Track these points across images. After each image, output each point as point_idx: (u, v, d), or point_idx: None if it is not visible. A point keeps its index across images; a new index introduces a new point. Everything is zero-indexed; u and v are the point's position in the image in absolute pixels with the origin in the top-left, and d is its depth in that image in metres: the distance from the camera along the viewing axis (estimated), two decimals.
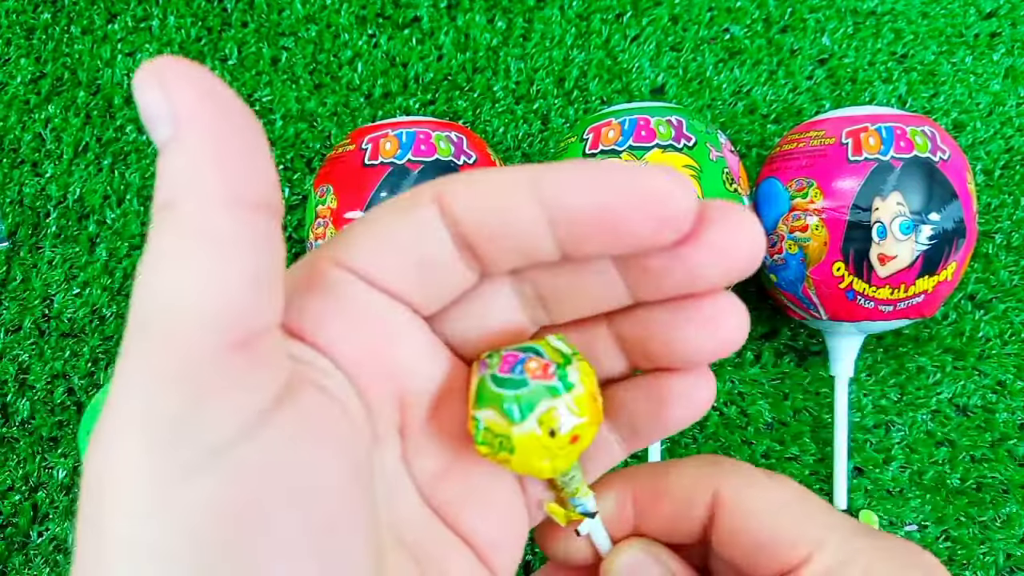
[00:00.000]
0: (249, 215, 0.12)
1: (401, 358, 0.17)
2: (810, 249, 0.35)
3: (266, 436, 0.12)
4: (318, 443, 0.13)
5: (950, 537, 0.39)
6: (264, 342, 0.13)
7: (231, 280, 0.12)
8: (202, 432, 0.12)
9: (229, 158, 0.12)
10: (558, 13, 0.45)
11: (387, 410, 0.16)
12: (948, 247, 0.34)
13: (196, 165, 0.12)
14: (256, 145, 0.13)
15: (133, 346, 0.12)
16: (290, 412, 0.13)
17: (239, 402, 0.12)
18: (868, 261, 0.34)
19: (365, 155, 0.34)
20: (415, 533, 0.17)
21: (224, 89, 0.12)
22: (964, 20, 0.45)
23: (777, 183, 0.36)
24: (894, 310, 0.35)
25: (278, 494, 0.12)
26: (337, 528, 0.13)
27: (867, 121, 0.35)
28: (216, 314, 0.12)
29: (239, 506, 0.12)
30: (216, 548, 0.12)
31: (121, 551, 0.12)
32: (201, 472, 0.12)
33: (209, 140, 0.12)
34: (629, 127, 0.34)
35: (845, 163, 0.34)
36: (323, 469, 0.13)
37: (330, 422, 0.14)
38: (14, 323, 0.42)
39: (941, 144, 0.34)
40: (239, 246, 0.12)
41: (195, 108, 0.12)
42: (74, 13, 0.45)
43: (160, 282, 0.12)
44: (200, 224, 0.12)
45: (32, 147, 0.43)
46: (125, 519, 0.12)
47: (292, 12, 0.45)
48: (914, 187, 0.33)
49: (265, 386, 0.13)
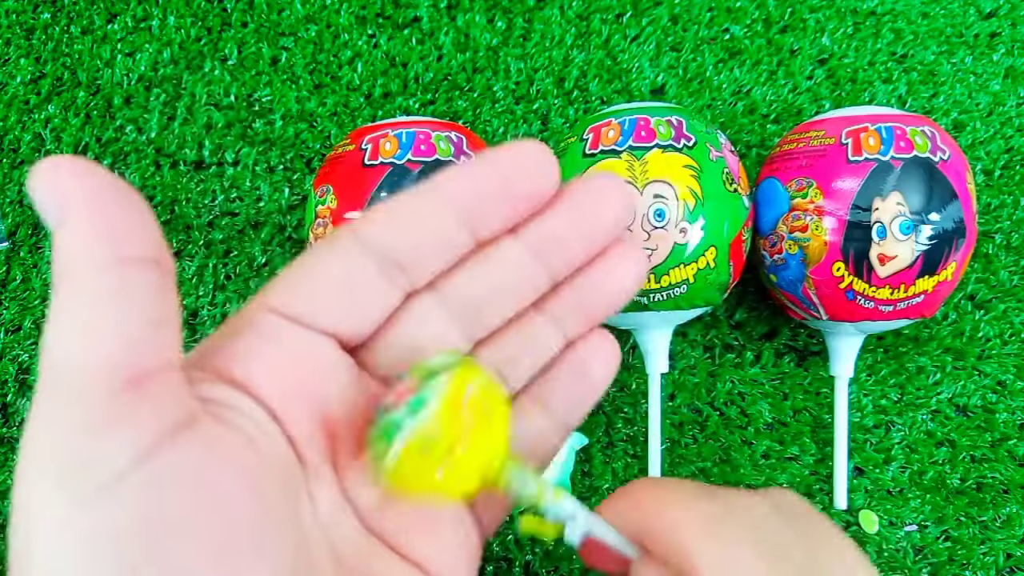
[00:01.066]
0: (131, 272, 0.14)
1: (325, 391, 0.18)
2: (810, 249, 0.35)
3: (160, 464, 0.14)
4: (217, 472, 0.15)
5: (950, 537, 0.39)
6: (156, 380, 0.14)
7: (115, 329, 0.14)
8: (98, 464, 0.13)
9: (107, 227, 0.14)
10: (558, 13, 0.45)
11: (315, 442, 0.17)
12: (948, 247, 0.34)
13: (78, 238, 0.14)
14: (134, 214, 0.15)
15: (39, 395, 0.14)
16: (187, 443, 0.14)
17: (130, 435, 0.14)
18: (868, 261, 0.34)
19: (365, 155, 0.34)
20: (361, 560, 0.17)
21: (103, 173, 0.14)
22: (964, 20, 0.45)
23: (777, 183, 0.36)
24: (894, 310, 0.35)
25: (173, 518, 0.14)
26: (237, 551, 0.14)
27: (867, 121, 0.35)
28: (102, 361, 0.13)
29: (137, 529, 0.13)
30: (121, 570, 0.13)
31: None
32: (101, 500, 0.13)
33: (88, 217, 0.14)
34: (629, 127, 0.34)
35: (845, 163, 0.34)
36: (221, 495, 0.14)
37: (233, 453, 0.15)
38: (14, 323, 0.42)
39: (941, 144, 0.34)
40: (121, 299, 0.14)
41: (76, 194, 0.14)
42: (74, 13, 0.45)
43: (54, 338, 0.14)
44: (84, 285, 0.14)
45: (32, 147, 0.43)
46: (43, 548, 0.13)
47: (292, 12, 0.45)
48: (914, 187, 0.33)
49: (157, 419, 0.14)
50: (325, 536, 0.17)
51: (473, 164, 0.18)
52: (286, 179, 0.43)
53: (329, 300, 0.18)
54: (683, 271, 0.34)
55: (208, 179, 0.43)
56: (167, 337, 0.15)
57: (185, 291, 0.42)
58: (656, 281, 0.34)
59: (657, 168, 0.33)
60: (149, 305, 0.14)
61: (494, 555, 0.39)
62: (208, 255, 0.42)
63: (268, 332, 0.17)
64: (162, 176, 0.43)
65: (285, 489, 0.16)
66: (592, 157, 0.34)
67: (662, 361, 0.37)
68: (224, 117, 0.44)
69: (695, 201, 0.33)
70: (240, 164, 0.43)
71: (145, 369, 0.14)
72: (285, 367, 0.17)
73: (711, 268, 0.34)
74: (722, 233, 0.34)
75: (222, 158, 0.43)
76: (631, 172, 0.33)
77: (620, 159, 0.34)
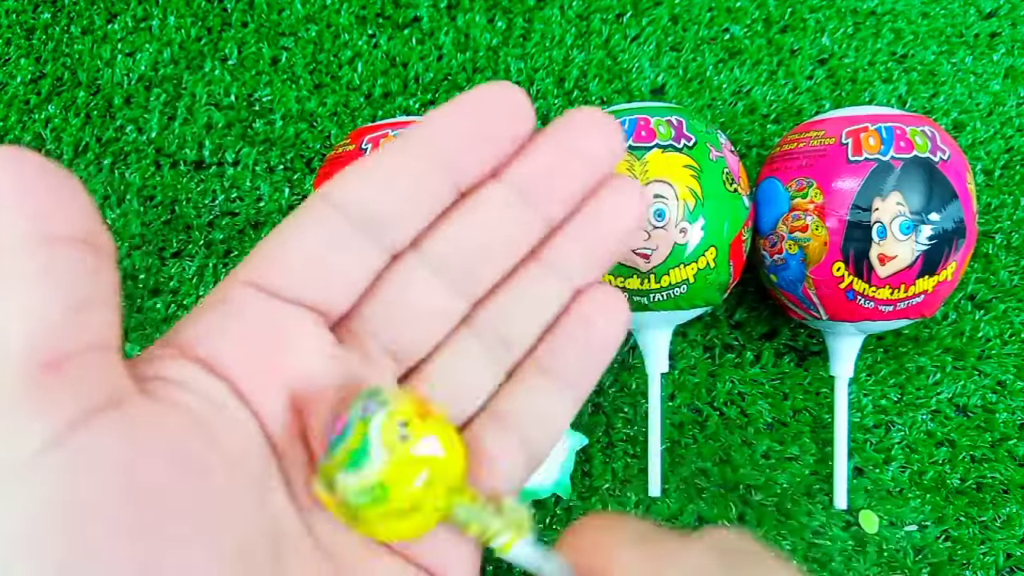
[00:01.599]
0: (58, 252, 0.14)
1: (299, 368, 0.17)
2: (810, 249, 0.35)
3: (74, 447, 0.13)
4: (139, 454, 0.14)
5: (950, 537, 0.39)
6: (78, 363, 0.14)
7: (35, 312, 0.13)
8: (11, 447, 0.13)
9: (33, 207, 0.14)
10: (558, 13, 0.45)
11: (287, 422, 0.17)
12: (948, 247, 0.34)
13: (3, 217, 0.14)
14: (64, 194, 0.14)
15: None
16: (105, 425, 0.14)
17: (44, 418, 0.13)
18: (868, 261, 0.34)
19: (365, 155, 0.34)
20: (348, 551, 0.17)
21: (31, 155, 0.14)
22: (964, 20, 0.45)
23: (777, 183, 0.36)
24: (894, 310, 0.35)
25: (87, 501, 0.13)
26: (162, 535, 0.14)
27: (867, 121, 0.35)
28: (20, 344, 0.13)
29: (49, 512, 0.13)
30: (31, 552, 0.13)
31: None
32: (13, 483, 0.13)
33: (11, 197, 0.14)
34: (629, 127, 0.34)
35: (845, 163, 0.34)
36: (143, 477, 0.14)
37: (167, 435, 0.15)
38: None
39: (941, 144, 0.34)
40: (45, 280, 0.14)
41: (2, 177, 0.14)
42: (74, 13, 0.45)
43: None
44: (5, 266, 0.13)
45: (32, 147, 0.43)
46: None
47: (292, 12, 0.45)
48: (914, 187, 0.33)
49: (75, 402, 0.14)
50: (303, 523, 0.16)
51: (444, 110, 0.17)
52: (286, 179, 0.43)
53: (306, 270, 0.17)
54: (683, 271, 0.34)
55: (208, 179, 0.43)
56: (95, 319, 0.14)
57: (185, 291, 0.42)
58: (656, 281, 0.34)
59: (657, 168, 0.33)
60: (76, 286, 0.14)
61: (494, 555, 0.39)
62: (208, 255, 0.42)
63: (239, 307, 0.17)
64: (162, 176, 0.43)
65: (243, 471, 0.16)
66: None
67: (662, 361, 0.37)
68: (224, 117, 0.44)
69: (695, 201, 0.33)
70: (240, 164, 0.43)
71: (65, 352, 0.14)
72: (254, 343, 0.17)
73: (711, 268, 0.34)
74: (722, 233, 0.34)
75: (222, 158, 0.43)
76: (631, 172, 0.33)
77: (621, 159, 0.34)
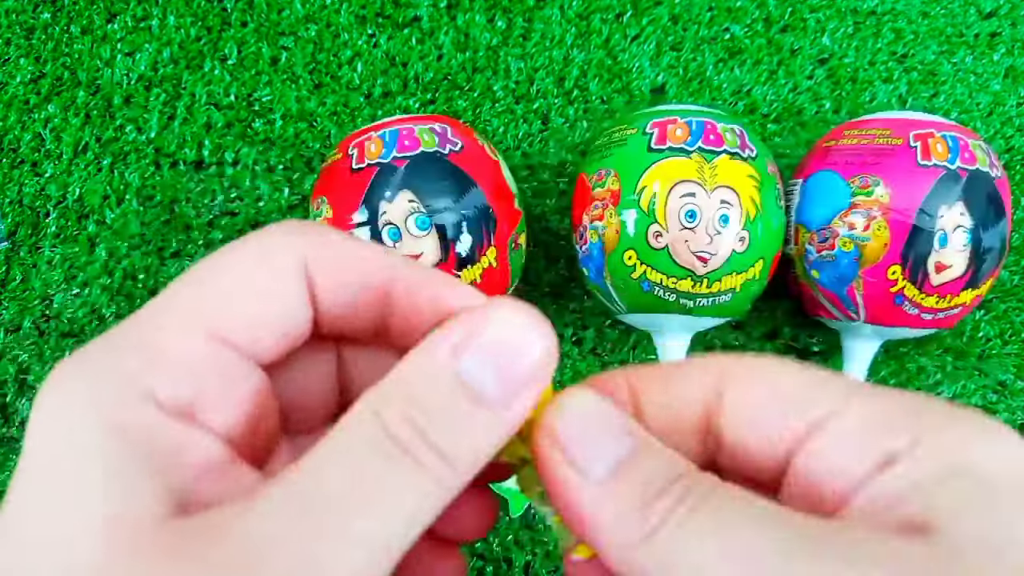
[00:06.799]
0: None
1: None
2: (868, 249, 0.34)
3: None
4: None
5: None
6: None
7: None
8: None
9: None
10: (558, 13, 0.45)
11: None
12: (993, 264, 0.34)
13: None
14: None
15: None
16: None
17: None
18: (925, 268, 0.33)
19: (352, 161, 0.34)
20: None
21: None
22: (964, 20, 0.45)
23: (837, 176, 0.35)
24: (932, 319, 0.34)
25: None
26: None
27: (932, 127, 0.34)
28: None
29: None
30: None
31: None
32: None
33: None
34: (697, 128, 0.34)
35: (915, 166, 0.33)
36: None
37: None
38: (14, 323, 0.42)
39: (995, 161, 0.34)
40: None
41: None
42: (74, 13, 0.45)
43: None
44: None
45: (32, 147, 0.43)
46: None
47: (292, 12, 0.45)
48: (977, 200, 0.33)
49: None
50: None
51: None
52: (286, 179, 0.43)
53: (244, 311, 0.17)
54: (734, 279, 0.34)
55: (208, 179, 0.43)
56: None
57: None
58: (708, 286, 0.33)
59: (725, 174, 0.33)
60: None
61: (494, 555, 0.39)
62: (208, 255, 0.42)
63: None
64: (162, 176, 0.43)
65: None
66: (660, 152, 0.34)
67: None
68: (224, 117, 0.44)
69: (755, 212, 0.33)
70: (240, 164, 0.43)
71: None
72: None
73: (755, 280, 0.34)
74: (770, 247, 0.34)
75: (222, 158, 0.43)
76: (700, 174, 0.33)
77: (690, 159, 0.33)
